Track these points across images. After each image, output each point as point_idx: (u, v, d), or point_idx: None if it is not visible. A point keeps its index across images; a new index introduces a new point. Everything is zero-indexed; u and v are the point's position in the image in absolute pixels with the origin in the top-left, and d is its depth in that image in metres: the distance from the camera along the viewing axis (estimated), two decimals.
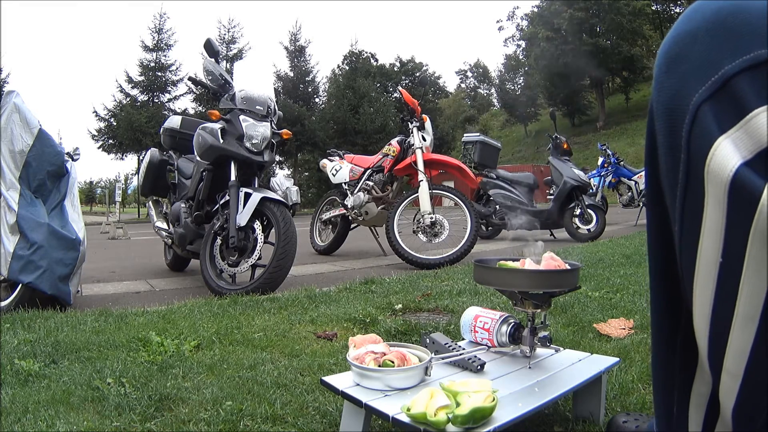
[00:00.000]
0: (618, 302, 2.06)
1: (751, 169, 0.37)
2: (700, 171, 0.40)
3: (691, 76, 0.41)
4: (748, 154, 0.37)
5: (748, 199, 0.37)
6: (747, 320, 0.39)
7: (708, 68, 0.40)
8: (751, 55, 0.38)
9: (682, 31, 0.43)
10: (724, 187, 0.38)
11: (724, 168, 0.38)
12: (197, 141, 3.12)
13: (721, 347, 0.41)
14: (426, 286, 2.58)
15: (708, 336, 0.43)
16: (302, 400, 1.15)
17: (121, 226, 9.90)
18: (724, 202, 0.39)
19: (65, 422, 1.05)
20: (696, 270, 0.43)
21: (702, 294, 0.43)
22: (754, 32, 0.39)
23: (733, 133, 0.38)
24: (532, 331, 1.05)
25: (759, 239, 0.37)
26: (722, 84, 0.39)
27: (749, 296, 0.38)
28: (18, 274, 2.30)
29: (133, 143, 24.40)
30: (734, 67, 0.39)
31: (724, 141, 0.38)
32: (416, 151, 3.97)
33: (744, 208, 0.37)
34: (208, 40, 3.09)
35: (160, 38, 26.65)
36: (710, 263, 0.41)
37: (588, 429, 1.01)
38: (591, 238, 5.34)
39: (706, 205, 0.40)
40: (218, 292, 2.67)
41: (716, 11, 0.41)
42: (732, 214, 0.38)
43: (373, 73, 36.47)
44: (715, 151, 0.39)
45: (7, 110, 2.44)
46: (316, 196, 25.23)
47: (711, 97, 0.40)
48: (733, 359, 0.41)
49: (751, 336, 0.39)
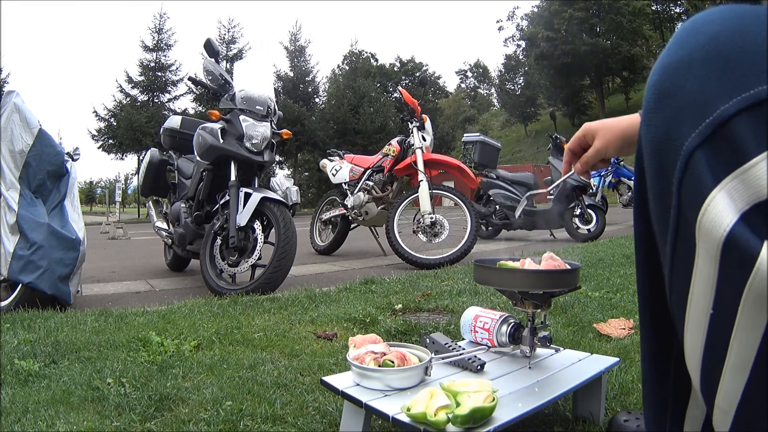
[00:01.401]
0: (618, 302, 2.06)
1: (746, 224, 0.34)
2: (692, 224, 0.37)
3: (684, 114, 0.37)
4: (744, 206, 0.34)
5: (742, 260, 0.34)
6: (738, 369, 0.37)
7: (702, 107, 0.36)
8: (750, 92, 0.34)
9: (674, 60, 0.39)
10: (716, 245, 0.35)
11: (717, 226, 0.35)
12: (197, 141, 3.12)
13: (712, 388, 0.39)
14: (426, 286, 2.58)
15: (699, 375, 0.41)
16: (302, 400, 1.15)
17: (121, 226, 9.90)
18: (717, 259, 0.36)
19: (65, 422, 1.05)
20: (687, 314, 0.41)
21: (693, 337, 0.40)
22: (753, 65, 0.35)
23: (728, 183, 0.35)
24: (532, 331, 1.05)
25: (753, 299, 0.34)
26: (717, 127, 0.35)
27: (740, 349, 0.36)
28: (18, 274, 2.30)
29: (133, 143, 24.41)
30: (731, 108, 0.35)
31: (718, 194, 0.35)
32: (416, 151, 3.97)
33: (738, 269, 0.35)
34: (208, 40, 3.09)
35: (160, 38, 26.66)
36: (701, 312, 0.39)
37: (588, 429, 1.01)
38: (591, 238, 5.34)
39: (698, 256, 0.38)
40: (218, 292, 2.67)
41: (712, 38, 0.37)
42: (724, 272, 0.36)
43: (373, 73, 36.49)
44: (709, 205, 0.35)
45: (7, 110, 2.44)
46: (316, 196, 25.23)
47: (705, 141, 0.36)
48: (725, 399, 0.39)
49: (742, 383, 0.37)
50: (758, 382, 0.36)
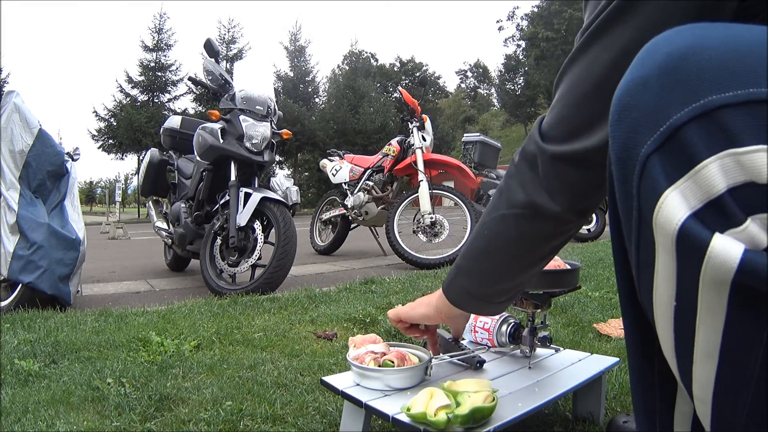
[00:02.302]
0: (618, 302, 2.06)
1: (697, 220, 0.37)
2: (650, 221, 0.40)
3: (641, 126, 0.41)
4: (697, 204, 0.37)
5: (695, 251, 0.37)
6: (706, 357, 0.40)
7: (657, 117, 0.40)
8: (700, 102, 0.37)
9: (634, 77, 0.42)
10: (671, 238, 0.38)
11: (670, 221, 0.38)
12: (197, 141, 3.12)
13: (688, 378, 0.42)
14: (426, 286, 2.58)
15: (677, 368, 0.44)
16: (302, 400, 1.15)
17: (121, 226, 9.90)
18: (673, 252, 0.39)
19: (65, 422, 1.05)
20: (654, 308, 0.44)
21: (663, 331, 0.43)
22: (703, 77, 0.38)
23: (681, 184, 0.38)
24: (532, 331, 1.05)
25: (708, 287, 0.37)
26: (669, 135, 0.39)
27: (705, 337, 0.39)
28: (18, 274, 2.30)
29: (133, 143, 24.43)
30: (682, 117, 0.38)
31: (671, 193, 0.38)
32: (416, 151, 3.97)
33: (692, 259, 0.38)
34: (208, 40, 3.09)
35: (160, 38, 26.68)
36: (666, 305, 0.42)
37: (588, 429, 1.01)
38: (591, 238, 5.34)
39: (658, 252, 0.41)
40: (218, 292, 2.68)
41: (668, 55, 0.40)
42: (681, 264, 0.39)
43: (373, 73, 36.48)
44: (662, 203, 0.39)
45: (7, 110, 2.44)
46: (316, 196, 25.23)
47: (659, 148, 0.39)
48: (700, 389, 0.41)
49: (712, 370, 0.40)
50: (728, 367, 0.39)
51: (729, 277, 0.36)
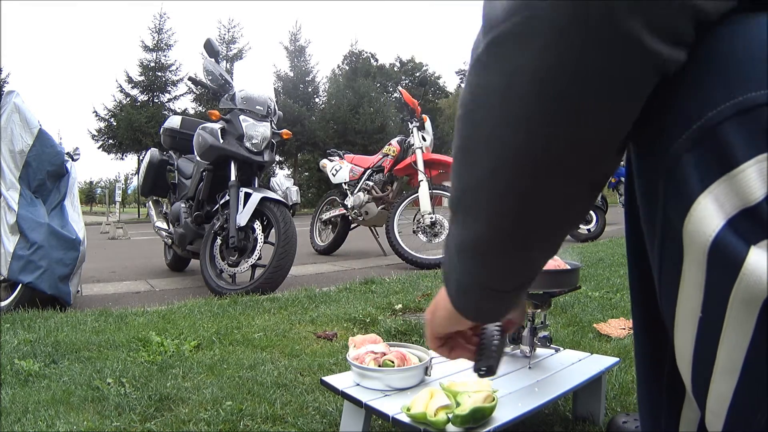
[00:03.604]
0: (618, 302, 2.06)
1: (732, 230, 0.34)
2: (678, 228, 0.37)
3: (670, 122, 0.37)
4: (732, 211, 0.34)
5: (729, 265, 0.34)
6: (727, 372, 0.37)
7: (690, 113, 0.36)
8: (740, 99, 0.34)
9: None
10: (703, 250, 0.35)
11: (703, 231, 0.35)
12: (197, 141, 3.12)
13: (703, 389, 0.40)
14: (426, 286, 2.58)
15: (691, 378, 0.41)
16: (302, 400, 1.15)
17: (121, 226, 9.90)
18: (704, 264, 0.36)
19: (65, 422, 1.05)
20: (676, 317, 0.41)
21: (683, 340, 0.41)
22: (742, 72, 0.34)
23: (716, 188, 0.34)
24: (532, 331, 1.05)
25: (739, 304, 0.35)
26: (706, 132, 0.35)
27: (729, 352, 0.36)
28: (18, 274, 2.30)
29: (133, 143, 24.40)
30: (720, 114, 0.34)
31: (705, 199, 0.35)
32: (416, 151, 3.97)
33: (724, 272, 0.35)
34: (208, 40, 3.09)
35: (160, 38, 26.63)
36: (690, 315, 0.39)
37: (588, 429, 1.01)
38: (591, 238, 5.34)
39: (685, 260, 0.38)
40: (218, 292, 2.67)
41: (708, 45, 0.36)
42: (712, 277, 0.36)
43: (373, 73, 36.44)
44: (695, 210, 0.35)
45: (7, 110, 2.44)
46: (316, 196, 25.20)
47: (693, 146, 0.36)
48: (716, 402, 0.39)
49: (732, 386, 0.37)
50: (748, 386, 0.36)
51: (763, 296, 0.33)
